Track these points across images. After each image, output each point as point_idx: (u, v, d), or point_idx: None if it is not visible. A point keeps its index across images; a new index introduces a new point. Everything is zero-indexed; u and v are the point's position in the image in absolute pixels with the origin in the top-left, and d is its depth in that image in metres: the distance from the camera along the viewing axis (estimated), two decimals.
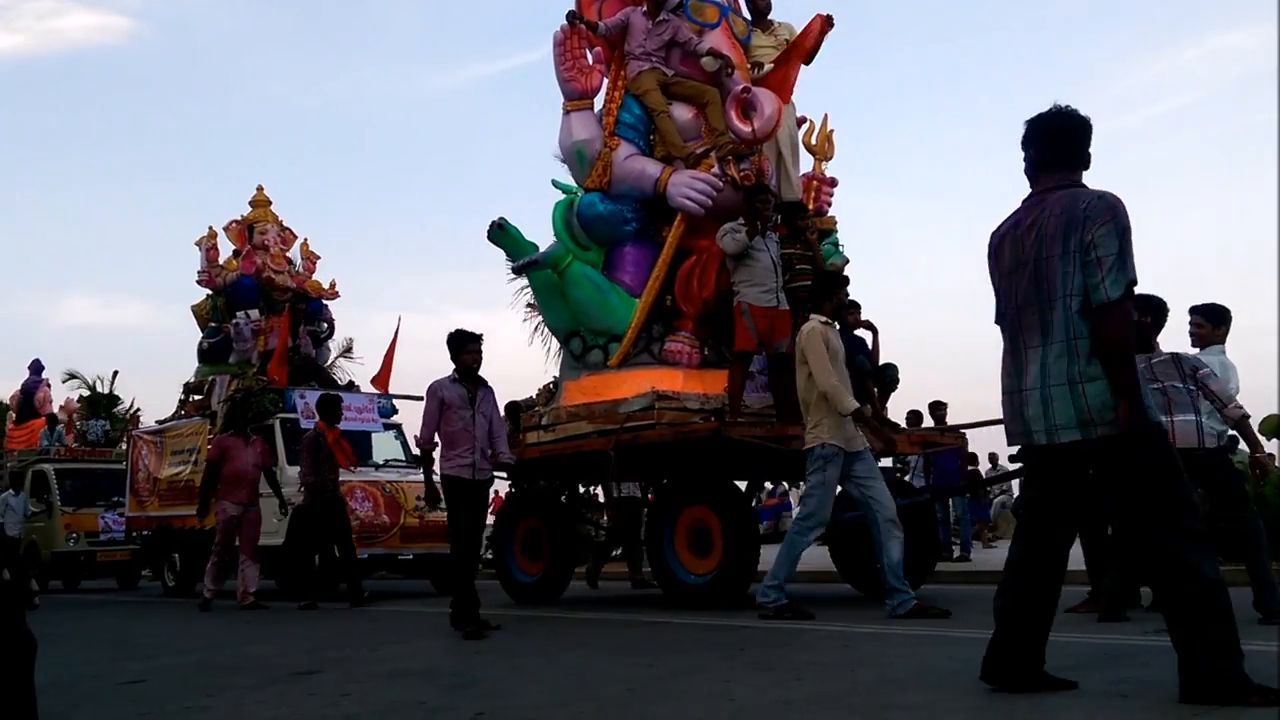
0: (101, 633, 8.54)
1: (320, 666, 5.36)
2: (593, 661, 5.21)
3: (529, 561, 9.36)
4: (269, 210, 14.83)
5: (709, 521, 7.77)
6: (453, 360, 7.16)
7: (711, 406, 8.16)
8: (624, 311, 8.57)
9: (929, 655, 4.80)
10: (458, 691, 4.36)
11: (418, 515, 11.57)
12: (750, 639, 5.79)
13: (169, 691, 4.76)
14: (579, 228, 8.80)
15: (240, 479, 10.61)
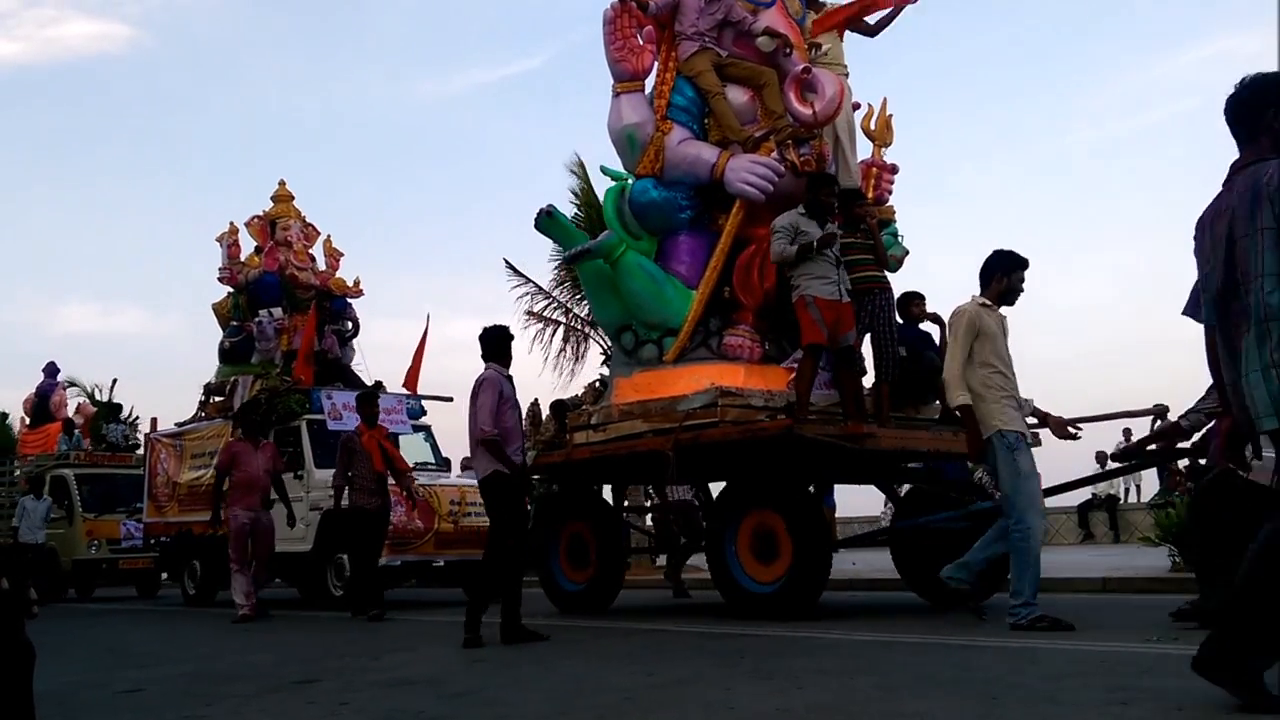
0: (100, 641, 8.32)
1: (319, 675, 5.26)
2: (592, 670, 5.11)
3: (574, 568, 8.72)
4: (291, 205, 14.17)
5: (776, 526, 7.13)
6: (498, 356, 6.80)
7: (776, 404, 7.53)
8: (680, 304, 7.92)
9: (929, 663, 4.73)
10: (457, 700, 4.30)
11: (452, 520, 10.93)
12: (750, 647, 5.68)
13: (168, 700, 4.69)
14: (631, 216, 8.17)
15: (251, 485, 9.98)
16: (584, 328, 20.33)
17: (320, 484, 11.25)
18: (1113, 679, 4.03)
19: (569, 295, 20.52)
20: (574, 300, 20.39)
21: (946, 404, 8.08)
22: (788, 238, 7.33)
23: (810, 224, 7.40)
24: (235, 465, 9.99)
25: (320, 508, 11.15)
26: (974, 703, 3.62)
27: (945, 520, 7.54)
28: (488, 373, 6.72)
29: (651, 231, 8.20)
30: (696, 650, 5.70)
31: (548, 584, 8.86)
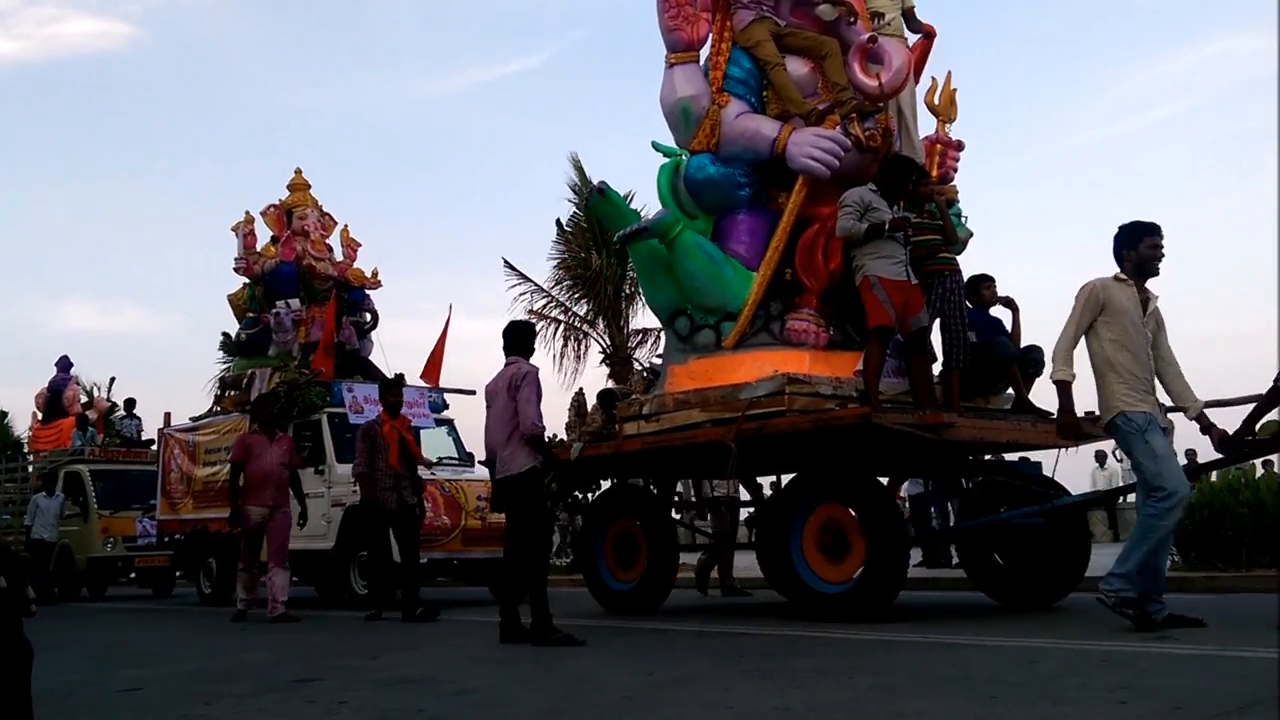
0: (99, 640, 8.17)
1: (319, 674, 5.17)
2: (591, 669, 5.02)
3: (622, 567, 8.08)
4: (308, 194, 13.49)
5: (847, 522, 6.51)
6: (525, 350, 6.59)
7: (844, 392, 6.90)
8: (739, 286, 7.28)
9: (929, 662, 4.67)
10: (456, 699, 4.24)
11: (479, 516, 10.29)
12: (749, 646, 5.60)
13: (167, 699, 4.62)
14: (686, 193, 7.54)
15: (264, 480, 9.26)
16: (583, 326, 20.10)
17: (342, 479, 10.61)
18: (1112, 678, 3.96)
19: (568, 294, 20.48)
20: (573, 299, 20.40)
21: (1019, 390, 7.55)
22: (856, 214, 6.73)
23: (881, 203, 6.80)
24: (249, 458, 9.30)
25: (343, 504, 10.52)
26: (973, 702, 3.56)
27: (1024, 517, 6.94)
28: (531, 367, 6.42)
29: (708, 210, 7.57)
30: (696, 649, 5.60)
31: (594, 583, 8.23)
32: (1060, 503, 6.76)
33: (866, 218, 6.71)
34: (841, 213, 6.76)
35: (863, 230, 6.66)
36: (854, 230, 6.67)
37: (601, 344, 20.23)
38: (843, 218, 6.74)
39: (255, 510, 9.26)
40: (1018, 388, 7.47)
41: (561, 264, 20.44)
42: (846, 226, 6.71)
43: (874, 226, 6.64)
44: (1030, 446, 7.26)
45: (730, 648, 5.55)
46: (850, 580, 6.48)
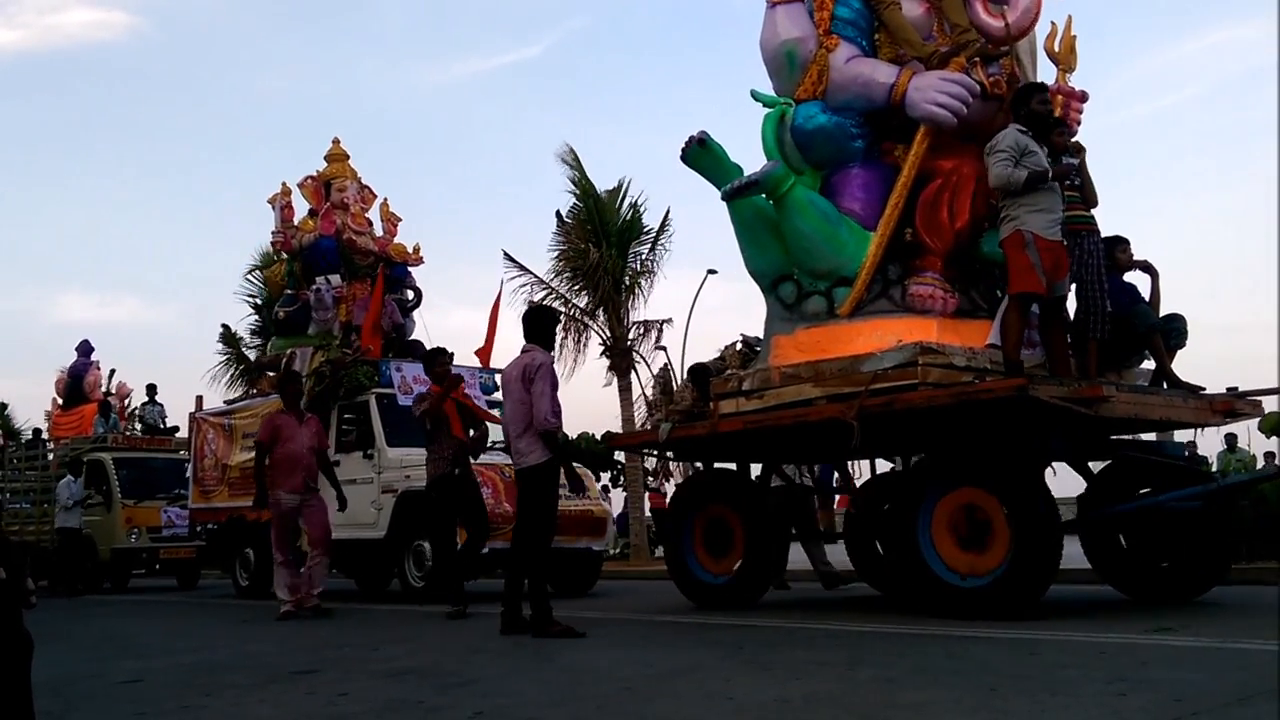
0: (99, 632, 8.09)
1: (319, 665, 5.15)
2: (591, 660, 5.00)
3: (714, 558, 7.39)
4: (347, 165, 12.75)
5: (989, 508, 5.81)
6: (544, 339, 6.38)
7: (978, 364, 6.20)
8: (855, 248, 6.57)
9: (928, 654, 4.64)
10: (456, 690, 4.21)
11: None
12: (750, 638, 5.58)
13: (167, 691, 4.59)
14: (792, 145, 6.82)
15: (294, 463, 8.51)
16: (583, 318, 19.99)
17: (393, 463, 9.94)
18: (1111, 670, 3.95)
19: (568, 286, 20.31)
20: (573, 291, 20.26)
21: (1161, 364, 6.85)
22: (1012, 159, 5.99)
23: (1037, 147, 6.09)
24: (277, 440, 8.56)
25: (394, 489, 9.83)
26: (973, 693, 3.54)
27: (1174, 500, 6.24)
28: (545, 357, 6.26)
29: (816, 164, 6.85)
30: (696, 641, 5.57)
31: (681, 576, 7.53)
32: (1228, 483, 6.06)
33: (1023, 163, 5.98)
34: (994, 159, 6.03)
35: (1022, 178, 5.92)
36: (1012, 179, 5.93)
37: (602, 336, 20.05)
38: (997, 164, 5.99)
39: (286, 497, 8.51)
40: (1160, 360, 6.76)
41: (561, 256, 20.31)
42: (1003, 174, 5.96)
43: (1035, 174, 5.92)
44: (1181, 425, 6.56)
45: (730, 639, 5.50)
46: (992, 573, 5.78)
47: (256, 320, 24.60)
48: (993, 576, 5.77)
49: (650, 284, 20.58)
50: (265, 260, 24.75)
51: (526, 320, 6.46)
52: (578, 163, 19.95)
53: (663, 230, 20.34)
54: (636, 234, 20.34)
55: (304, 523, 8.71)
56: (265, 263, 24.67)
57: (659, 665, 4.64)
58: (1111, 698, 3.38)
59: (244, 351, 24.68)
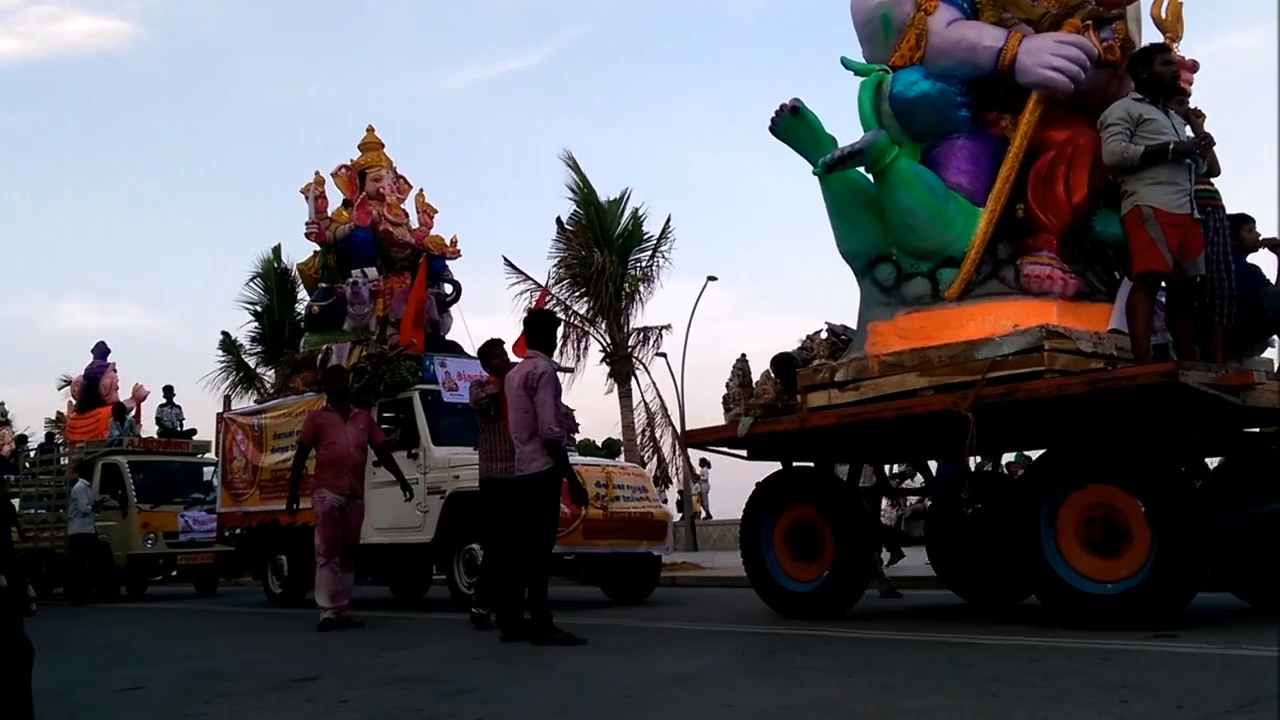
0: (100, 639, 8.10)
1: (319, 673, 5.15)
2: (591, 667, 5.00)
3: (798, 564, 6.95)
4: (382, 154, 12.36)
5: (1123, 507, 5.37)
6: (546, 344, 6.49)
7: (1104, 350, 5.76)
8: (964, 225, 6.12)
9: (929, 660, 4.66)
10: (457, 697, 4.23)
11: (600, 505, 9.16)
12: (750, 644, 5.57)
13: (167, 698, 4.62)
14: (890, 115, 6.38)
15: (340, 463, 8.05)
16: (583, 325, 20.17)
17: (440, 463, 9.51)
18: (1113, 676, 3.95)
19: (569, 293, 20.44)
20: (573, 298, 20.41)
21: None
22: (1126, 132, 5.60)
23: (1156, 114, 5.67)
24: (321, 439, 8.12)
25: (442, 490, 9.40)
26: (974, 700, 3.55)
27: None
28: (544, 364, 6.29)
29: (917, 134, 6.41)
30: (696, 648, 5.57)
31: (762, 583, 7.09)
32: None
33: (1139, 135, 5.58)
34: (1106, 134, 5.64)
35: (1138, 155, 5.53)
36: (1128, 154, 5.55)
37: (602, 343, 20.36)
38: (1110, 139, 5.61)
39: (331, 496, 8.05)
40: None
41: (562, 262, 20.61)
42: (1116, 151, 5.58)
43: (1154, 150, 5.51)
44: None
45: (731, 646, 5.51)
46: (1128, 579, 5.34)
47: (256, 328, 24.40)
48: (1129, 583, 5.33)
49: (650, 291, 20.80)
50: (266, 268, 24.57)
51: (527, 326, 6.54)
52: (577, 168, 20.21)
53: (663, 237, 20.52)
54: (637, 241, 20.53)
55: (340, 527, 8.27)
56: (266, 271, 24.52)
57: (660, 672, 4.63)
58: (1114, 704, 3.37)
59: (244, 359, 24.43)
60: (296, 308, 24.46)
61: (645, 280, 20.55)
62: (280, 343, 23.89)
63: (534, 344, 6.41)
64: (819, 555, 6.82)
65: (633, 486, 9.63)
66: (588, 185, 20.36)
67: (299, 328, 24.24)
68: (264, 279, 24.47)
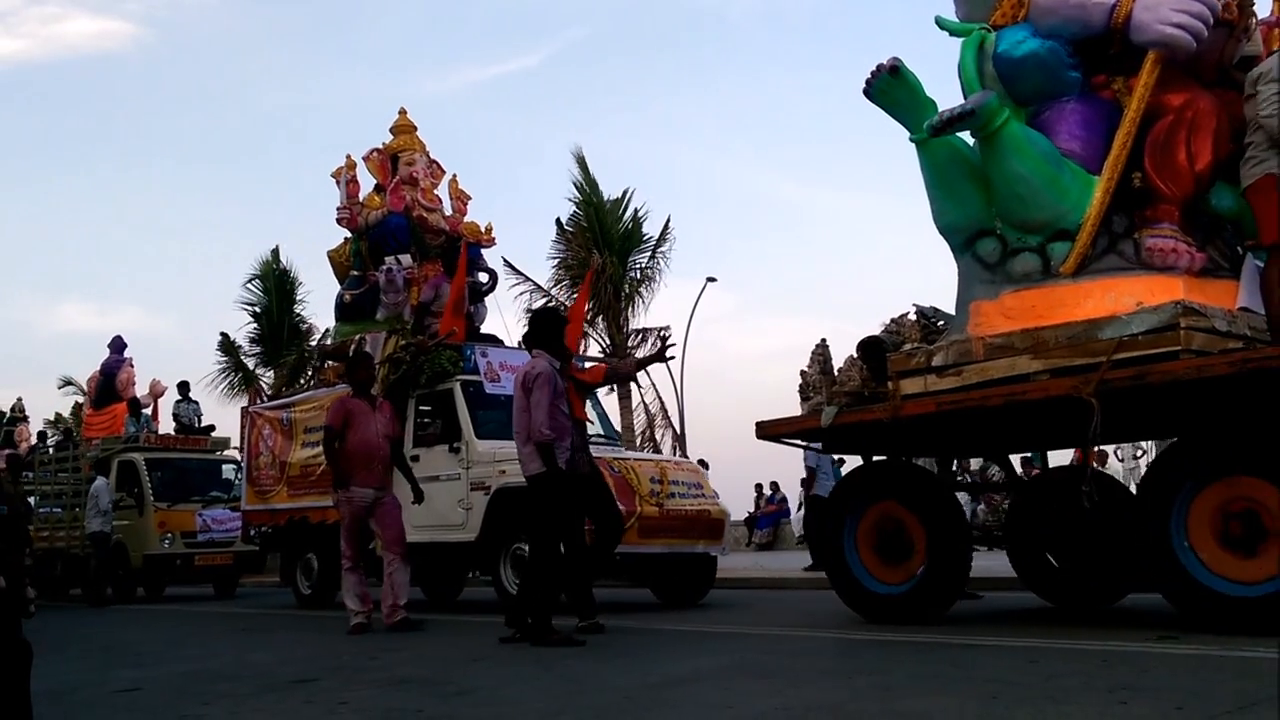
0: (98, 640, 8.10)
1: (317, 674, 5.16)
2: (590, 669, 4.99)
3: (885, 565, 6.51)
4: (415, 137, 11.92)
5: (1269, 503, 4.93)
6: (548, 343, 6.49)
7: (1237, 329, 5.32)
8: (1079, 195, 5.68)
9: (928, 662, 4.67)
10: (455, 699, 4.22)
11: (655, 502, 8.73)
12: (749, 646, 5.56)
13: (165, 699, 4.61)
14: (994, 77, 5.93)
15: (370, 455, 7.66)
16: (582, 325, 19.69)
17: (484, 457, 9.08)
18: (1113, 677, 3.96)
19: (568, 294, 20.40)
20: (572, 298, 20.17)
21: None
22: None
23: None
24: (350, 427, 7.68)
25: (486, 486, 8.98)
26: (974, 702, 3.55)
27: None
28: (542, 365, 6.32)
29: (1023, 98, 5.95)
30: (695, 650, 5.57)
31: (845, 585, 6.64)
32: None
33: None
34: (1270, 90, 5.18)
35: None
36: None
37: (601, 344, 20.32)
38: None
39: (360, 492, 7.65)
40: None
41: (561, 263, 20.80)
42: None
43: None
44: None
45: (730, 648, 5.51)
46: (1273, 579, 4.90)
47: (255, 329, 24.09)
48: (1273, 585, 4.89)
49: (650, 292, 20.73)
50: (265, 269, 24.19)
51: (530, 325, 6.64)
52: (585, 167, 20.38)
53: (663, 239, 20.42)
54: (637, 242, 20.44)
55: (376, 524, 7.87)
56: (265, 272, 24.14)
57: (658, 674, 4.63)
58: (1114, 705, 3.37)
59: (242, 360, 24.11)
60: (295, 309, 24.24)
61: (645, 281, 20.45)
62: (279, 344, 23.70)
63: (536, 343, 6.49)
64: (908, 555, 6.38)
65: (688, 483, 9.20)
66: (594, 183, 20.37)
67: (298, 329, 24.33)
68: (263, 280, 24.16)
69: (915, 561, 6.35)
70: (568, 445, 6.38)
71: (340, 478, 7.71)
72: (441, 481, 9.22)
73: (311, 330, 24.38)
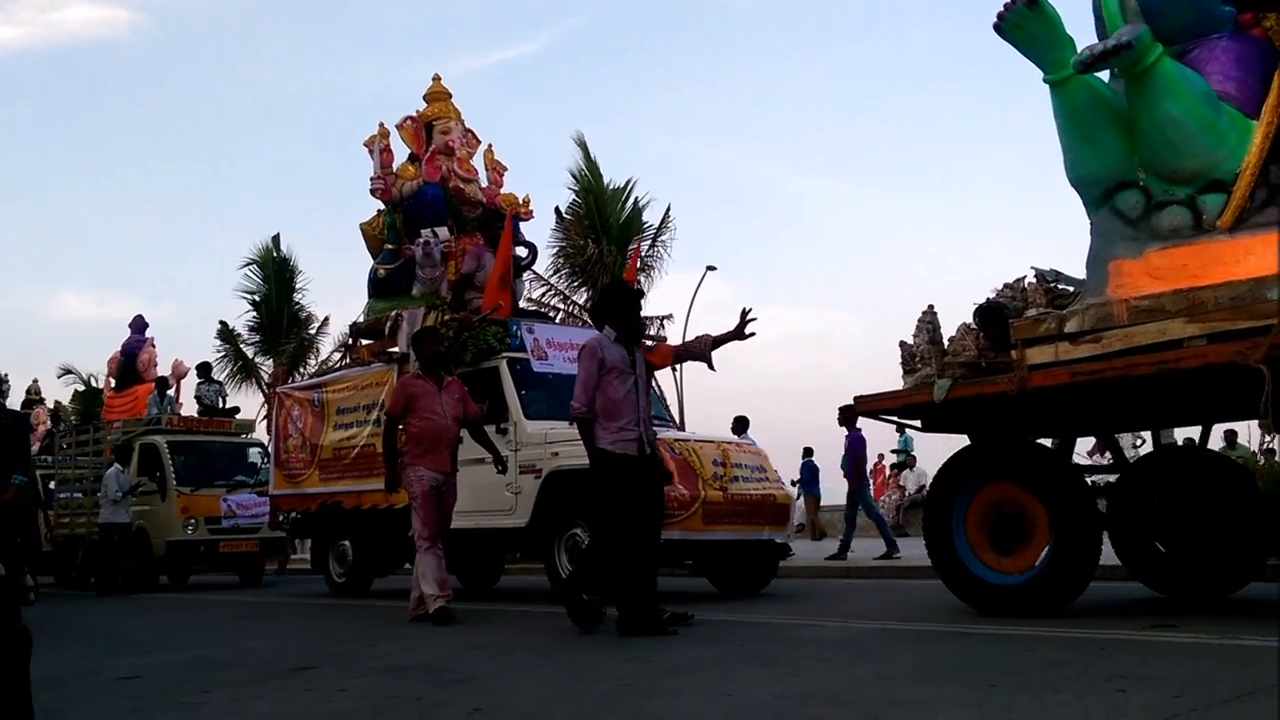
0: (97, 628, 7.98)
1: (317, 662, 5.06)
2: (590, 657, 4.85)
3: (1000, 552, 5.78)
4: (450, 104, 11.12)
5: None
6: (611, 317, 5.92)
7: None
8: (1236, 141, 4.94)
9: (928, 651, 4.63)
10: (455, 687, 4.12)
11: (719, 486, 7.99)
12: (750, 635, 5.47)
13: (164, 687, 4.51)
14: (1136, 12, 5.16)
15: (438, 437, 7.03)
16: (582, 314, 19.32)
17: (534, 439, 8.35)
18: (1112, 666, 3.88)
19: (567, 283, 20.05)
20: (571, 288, 19.98)
21: None
22: None
23: None
24: (413, 410, 7.04)
25: (536, 469, 8.25)
26: (973, 690, 3.48)
27: None
28: (591, 339, 5.94)
29: (1169, 36, 5.17)
30: (696, 638, 5.40)
31: (954, 574, 5.91)
32: None
33: None
34: None
35: None
36: None
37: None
38: None
39: (430, 474, 7.01)
40: None
41: (560, 252, 20.05)
42: None
43: None
44: None
45: (730, 636, 5.40)
46: None
47: (255, 317, 23.36)
48: None
49: (650, 280, 20.12)
50: (264, 256, 23.34)
51: (598, 298, 6.38)
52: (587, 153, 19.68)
53: (663, 227, 19.75)
54: (637, 230, 19.78)
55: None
56: (265, 260, 23.32)
57: (659, 662, 4.53)
58: (1112, 694, 3.32)
59: (241, 348, 23.39)
60: (295, 297, 23.50)
61: (645, 270, 19.79)
62: (278, 332, 23.00)
63: (601, 318, 6.05)
64: (1027, 541, 5.66)
65: (751, 465, 8.46)
66: (596, 170, 19.75)
67: (297, 317, 23.56)
68: (262, 268, 23.33)
69: (1035, 549, 5.63)
70: (623, 425, 5.69)
71: (393, 474, 7.15)
72: (487, 464, 8.46)
73: (311, 318, 23.76)
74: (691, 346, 6.80)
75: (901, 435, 20.49)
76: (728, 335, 6.48)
